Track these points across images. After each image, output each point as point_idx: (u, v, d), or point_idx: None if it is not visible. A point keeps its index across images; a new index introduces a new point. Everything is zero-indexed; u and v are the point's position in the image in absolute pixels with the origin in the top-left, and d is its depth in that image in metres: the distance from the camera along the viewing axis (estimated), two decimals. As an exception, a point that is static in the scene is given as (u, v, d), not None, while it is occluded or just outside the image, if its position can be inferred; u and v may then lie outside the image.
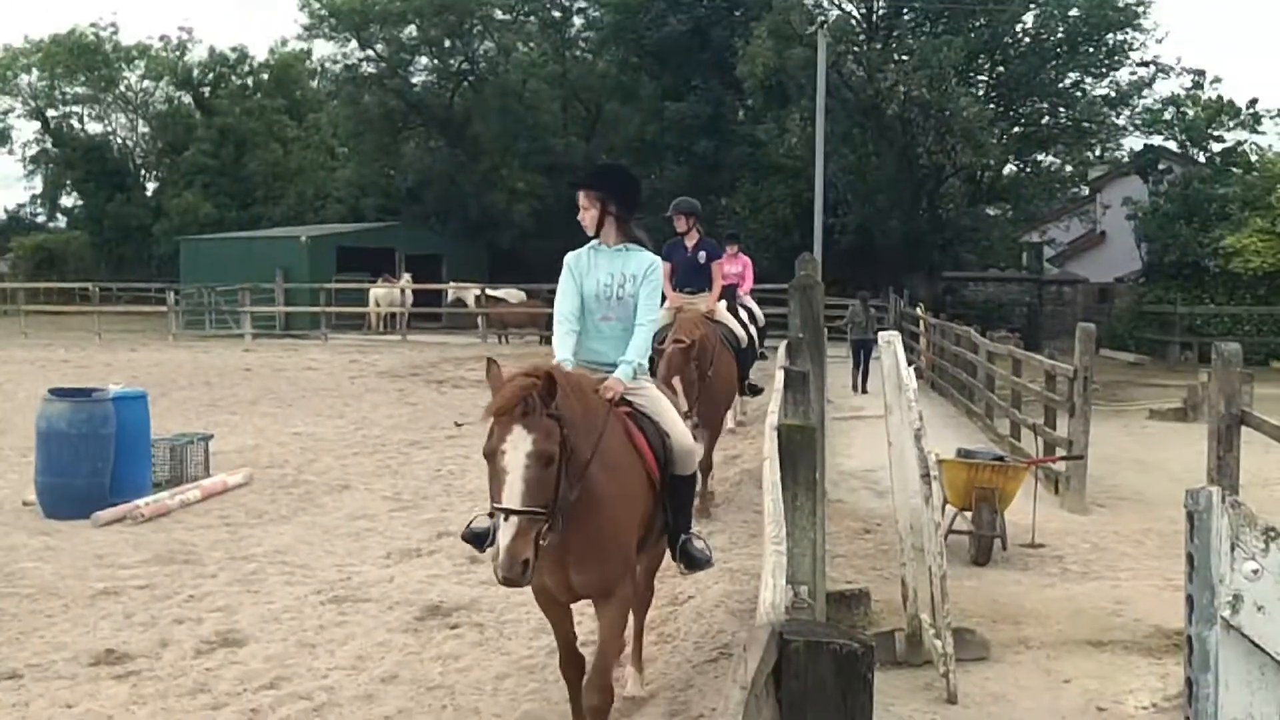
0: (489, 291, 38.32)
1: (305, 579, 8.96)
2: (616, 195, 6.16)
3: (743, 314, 14.21)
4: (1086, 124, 40.55)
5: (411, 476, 13.44)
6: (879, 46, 39.77)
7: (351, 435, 16.65)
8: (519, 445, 4.82)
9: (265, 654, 7.27)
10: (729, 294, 14.03)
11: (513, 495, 4.77)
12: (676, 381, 9.71)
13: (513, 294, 38.53)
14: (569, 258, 6.19)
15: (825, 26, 35.98)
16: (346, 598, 8.45)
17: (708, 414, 10.87)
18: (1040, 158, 42.59)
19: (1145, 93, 40.36)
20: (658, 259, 6.31)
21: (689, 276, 11.81)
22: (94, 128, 60.24)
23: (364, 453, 15.12)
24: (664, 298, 8.94)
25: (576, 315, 6.05)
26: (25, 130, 59.90)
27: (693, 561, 6.00)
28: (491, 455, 4.90)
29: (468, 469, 13.58)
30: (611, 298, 6.08)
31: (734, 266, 15.42)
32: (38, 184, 61.56)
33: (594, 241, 6.18)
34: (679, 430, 5.99)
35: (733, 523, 10.86)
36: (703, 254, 11.85)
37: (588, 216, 6.13)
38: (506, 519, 4.76)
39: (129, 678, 6.85)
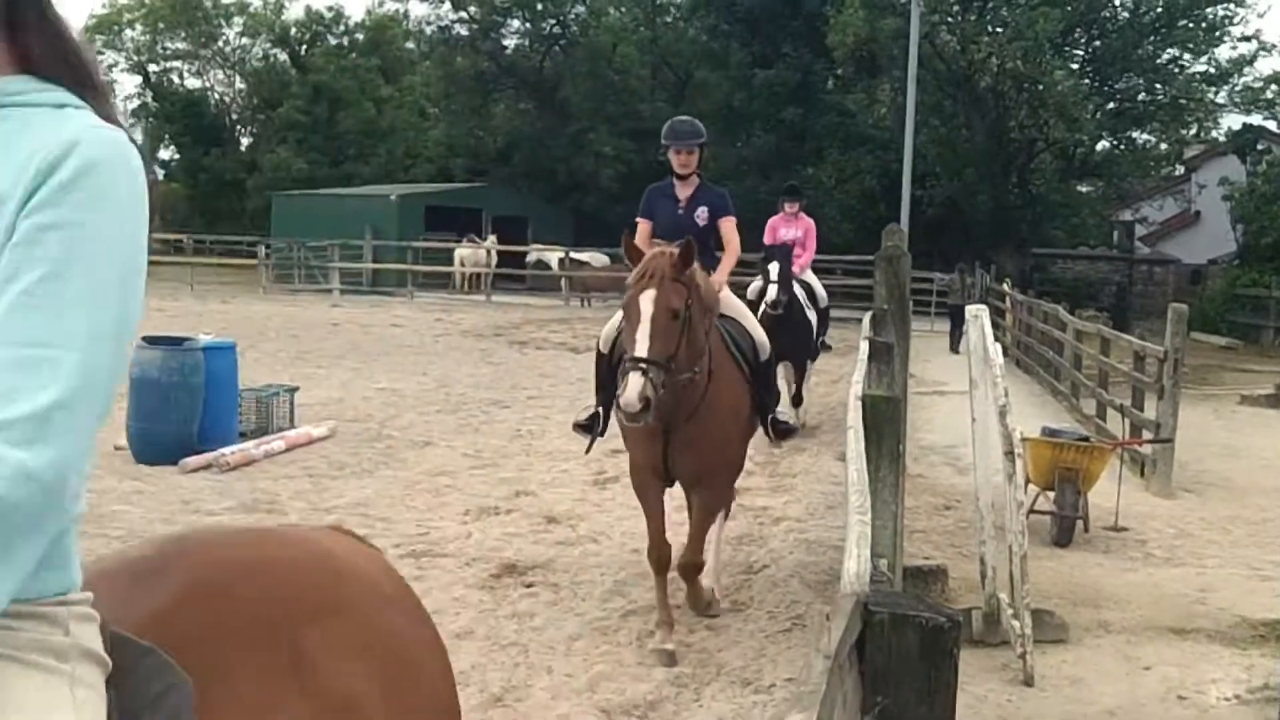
0: (572, 255, 38.42)
1: (385, 532, 9.08)
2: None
3: (799, 292, 13.32)
4: (1183, 101, 39.55)
5: (492, 435, 13.55)
6: (973, 18, 39.06)
7: (434, 392, 16.80)
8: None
9: (344, 604, 7.37)
10: (783, 258, 12.99)
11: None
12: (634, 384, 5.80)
13: (596, 258, 38.60)
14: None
15: (920, -4, 35.45)
16: (425, 553, 8.55)
17: (690, 465, 6.60)
18: (1135, 135, 41.67)
19: (1246, 70, 39.32)
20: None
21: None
22: (193, 83, 61.43)
23: (446, 410, 15.25)
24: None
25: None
26: (127, 84, 61.22)
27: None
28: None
29: (548, 429, 13.67)
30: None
31: (791, 230, 14.03)
32: (137, 137, 62.50)
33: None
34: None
35: (810, 493, 10.82)
36: (703, 210, 7.44)
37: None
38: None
39: (212, 622, 6.98)
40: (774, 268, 13.00)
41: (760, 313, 10.61)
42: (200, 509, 9.57)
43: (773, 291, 12.86)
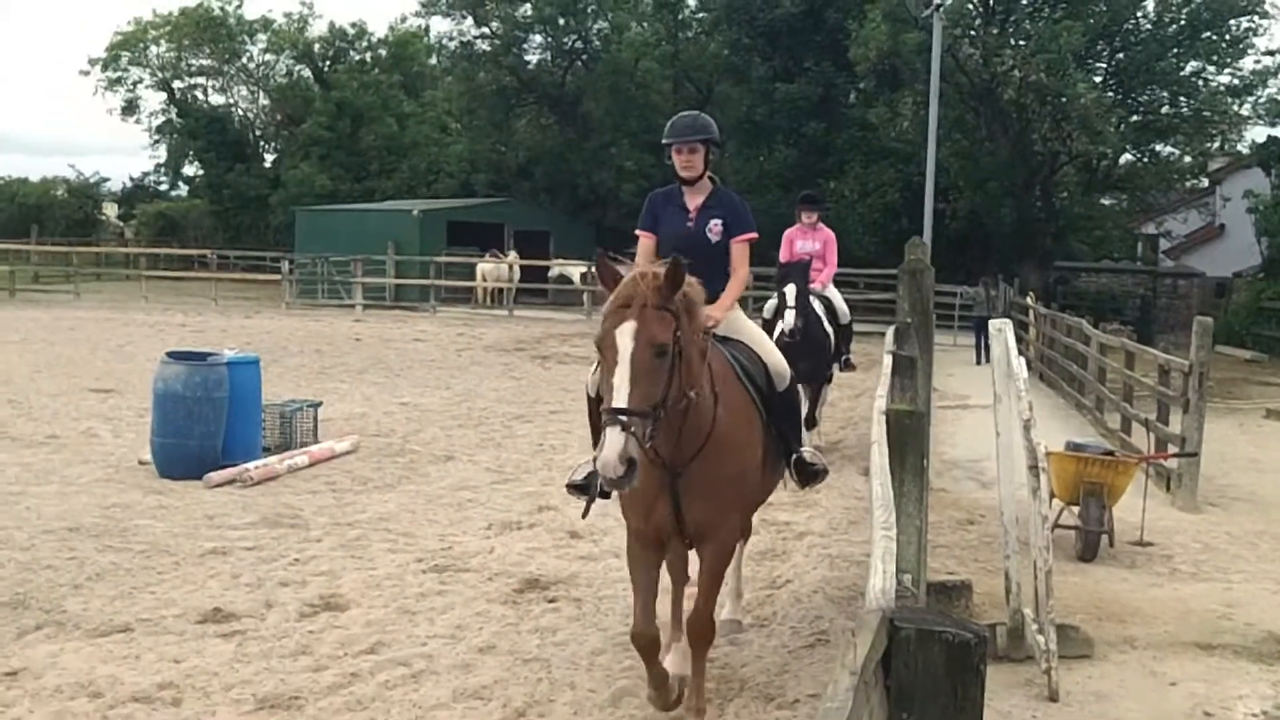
0: (594, 269, 38.40)
1: (407, 547, 9.10)
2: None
3: (818, 307, 12.66)
4: (1207, 114, 39.36)
5: (514, 450, 13.57)
6: (996, 31, 38.99)
7: (457, 407, 16.84)
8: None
9: (366, 619, 7.39)
10: (799, 277, 12.32)
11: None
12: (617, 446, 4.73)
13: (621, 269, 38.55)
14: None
15: (941, 10, 35.41)
16: (447, 567, 8.56)
17: (702, 514, 5.58)
18: (1159, 148, 41.48)
19: (1270, 82, 39.11)
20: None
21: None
22: (217, 99, 61.71)
23: (468, 425, 15.29)
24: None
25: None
26: (152, 101, 61.52)
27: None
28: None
29: (569, 444, 13.66)
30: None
31: (809, 242, 13.17)
32: (162, 153, 63.11)
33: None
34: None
35: (833, 508, 10.79)
36: (716, 223, 6.36)
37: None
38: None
39: (234, 636, 7.02)
40: (790, 291, 12.22)
41: (775, 338, 9.88)
42: (224, 524, 9.61)
43: (789, 319, 12.08)
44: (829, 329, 12.82)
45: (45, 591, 7.69)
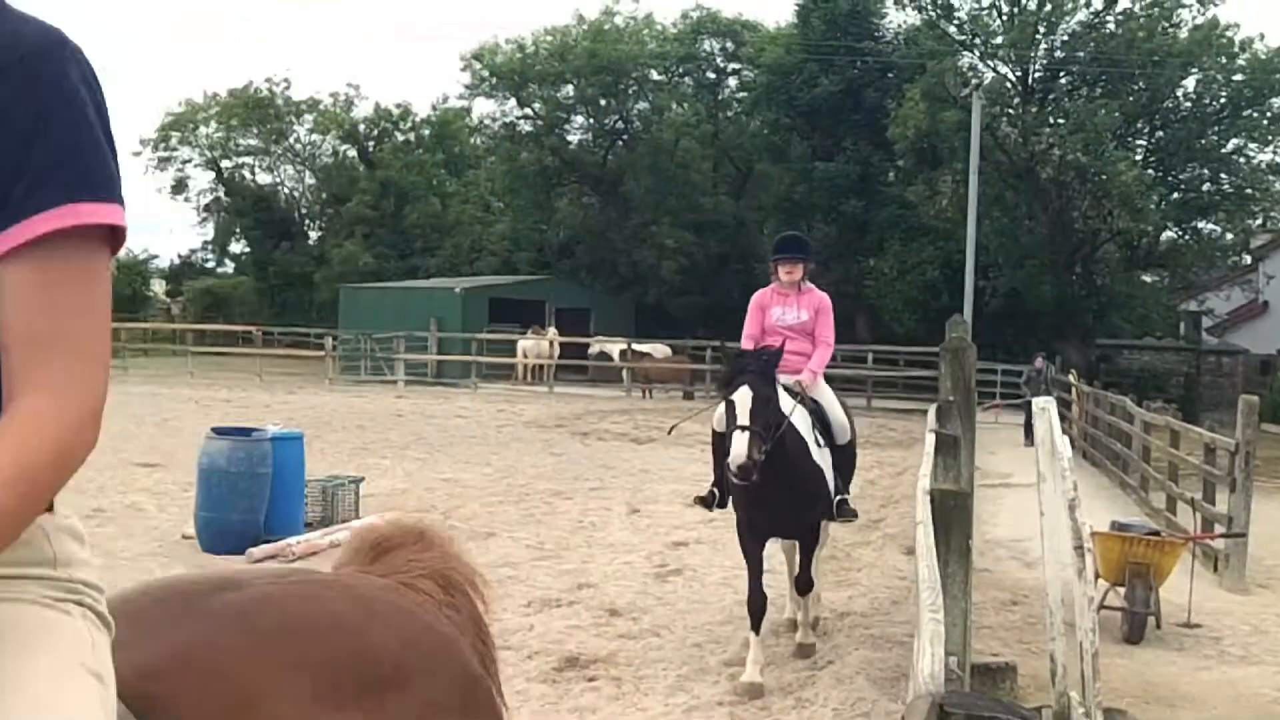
0: (634, 346, 38.62)
1: (448, 624, 9.07)
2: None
3: (800, 422, 7.91)
4: (1249, 191, 39.35)
5: (554, 526, 13.55)
6: (1034, 109, 39.23)
7: (497, 483, 16.86)
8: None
9: (407, 696, 7.36)
10: (760, 371, 7.61)
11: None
12: None
13: (658, 349, 38.78)
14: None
15: (980, 89, 35.68)
16: (487, 644, 8.53)
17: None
18: (1200, 225, 41.41)
19: (1313, 160, 39.08)
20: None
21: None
22: (264, 178, 62.90)
23: (509, 501, 15.30)
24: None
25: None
26: (201, 180, 62.76)
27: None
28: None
29: (609, 520, 13.65)
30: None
31: (791, 310, 8.61)
32: (209, 231, 64.30)
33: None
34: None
35: (875, 588, 10.70)
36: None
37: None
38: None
39: (277, 712, 7.00)
40: (742, 400, 7.42)
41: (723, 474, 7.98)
42: (266, 599, 9.62)
43: (737, 447, 7.27)
44: (819, 457, 8.06)
45: (89, 666, 7.71)
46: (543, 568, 11.28)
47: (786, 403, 7.85)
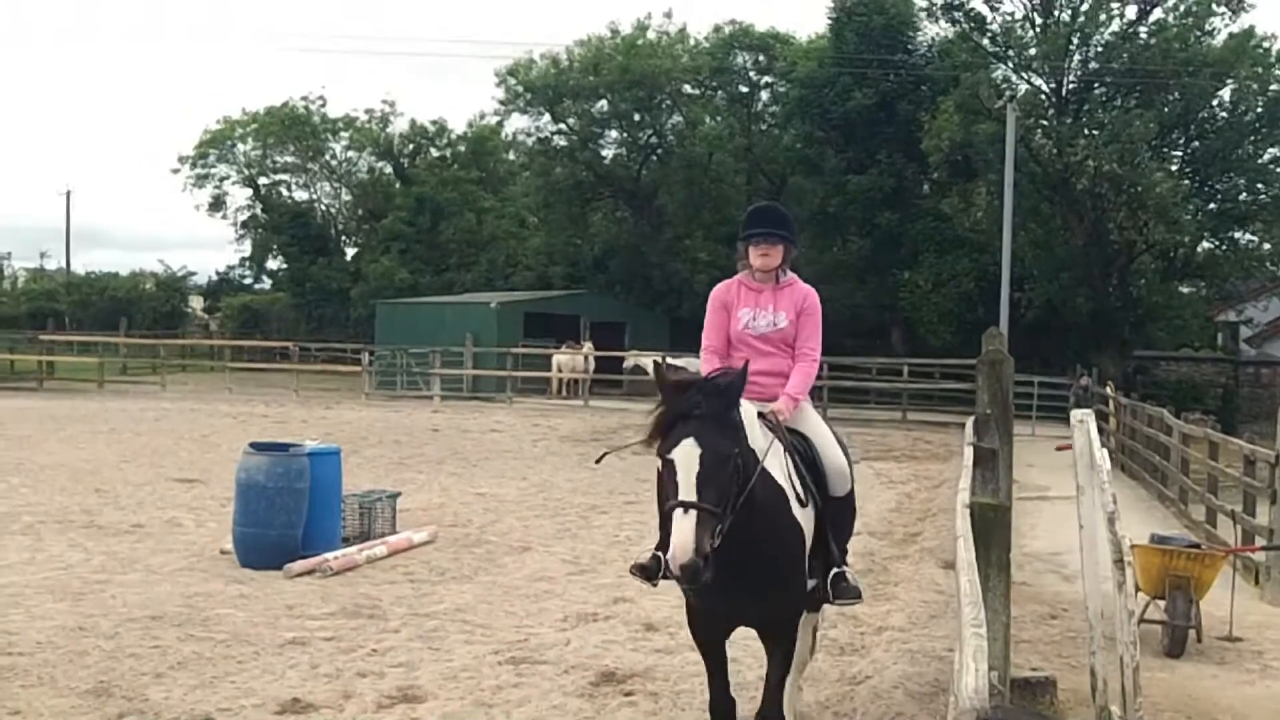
0: (669, 360, 38.55)
1: (484, 638, 9.11)
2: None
3: (778, 470, 5.63)
4: (1287, 201, 38.97)
5: (590, 540, 13.57)
6: (1069, 121, 39.00)
7: (533, 497, 16.90)
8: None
9: (443, 711, 7.40)
10: (716, 400, 5.31)
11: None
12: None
13: (692, 363, 38.61)
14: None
15: (1014, 101, 35.52)
16: (524, 659, 8.55)
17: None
18: (1237, 235, 41.04)
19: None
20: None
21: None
22: (300, 195, 63.32)
23: (545, 515, 15.33)
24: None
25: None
26: (238, 197, 63.25)
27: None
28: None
29: (645, 534, 13.62)
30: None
31: (764, 313, 6.53)
32: (247, 247, 64.70)
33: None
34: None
35: (912, 602, 10.65)
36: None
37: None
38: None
39: (315, 727, 7.05)
40: (685, 457, 5.13)
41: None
42: (304, 614, 9.69)
43: (680, 537, 4.93)
44: (801, 517, 5.71)
45: (129, 680, 7.79)
46: (579, 582, 11.30)
47: (759, 439, 5.54)
